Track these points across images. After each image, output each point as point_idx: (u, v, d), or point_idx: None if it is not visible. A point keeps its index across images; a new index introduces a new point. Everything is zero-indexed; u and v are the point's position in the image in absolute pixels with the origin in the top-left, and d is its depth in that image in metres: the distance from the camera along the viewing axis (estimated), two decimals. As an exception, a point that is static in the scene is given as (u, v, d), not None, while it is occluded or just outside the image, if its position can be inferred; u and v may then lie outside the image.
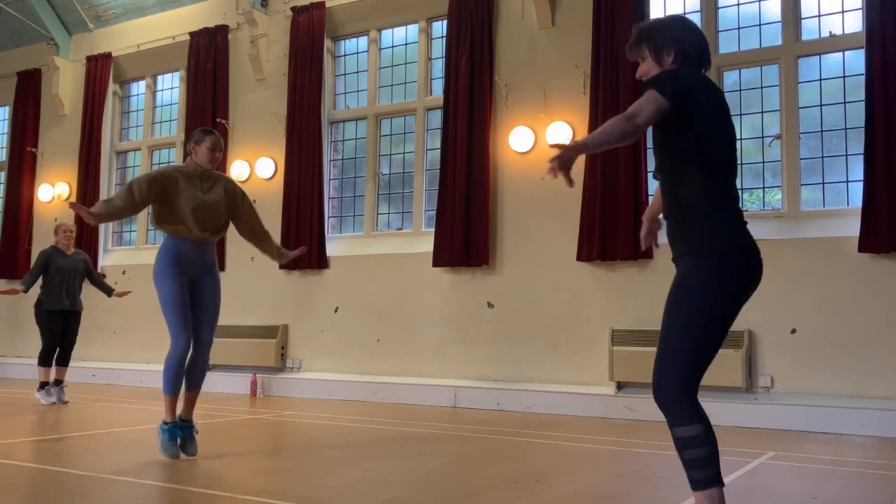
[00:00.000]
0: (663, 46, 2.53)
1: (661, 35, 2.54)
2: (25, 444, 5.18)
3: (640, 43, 2.57)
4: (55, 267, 7.55)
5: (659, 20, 2.63)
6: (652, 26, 2.59)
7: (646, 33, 2.57)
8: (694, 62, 2.54)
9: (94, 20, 11.14)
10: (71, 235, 7.81)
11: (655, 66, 2.55)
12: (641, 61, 2.60)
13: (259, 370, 8.95)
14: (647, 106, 2.36)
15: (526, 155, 7.89)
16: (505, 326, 7.79)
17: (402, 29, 9.13)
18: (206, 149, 4.65)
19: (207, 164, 4.66)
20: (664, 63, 2.53)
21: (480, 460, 4.68)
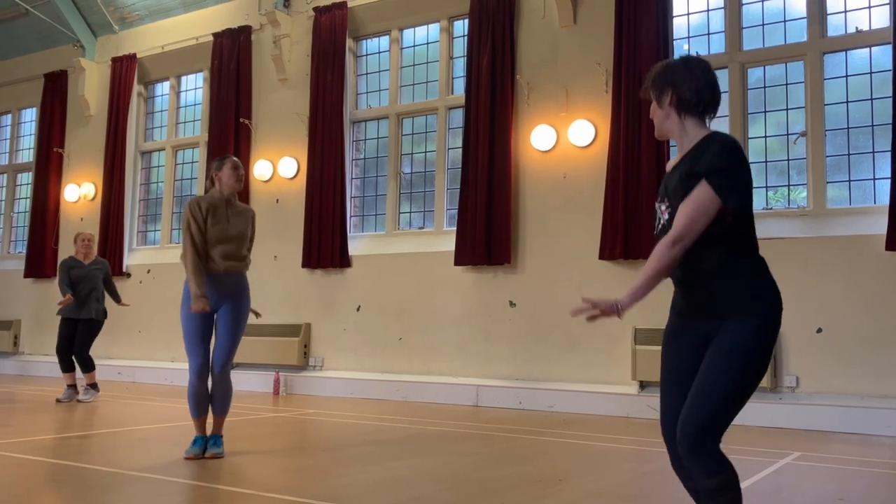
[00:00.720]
0: (663, 88, 2.46)
1: (662, 76, 2.48)
2: (52, 441, 5.25)
3: (649, 83, 2.53)
4: (74, 277, 7.68)
5: (665, 62, 2.53)
6: (657, 68, 2.52)
7: (652, 74, 2.52)
8: (691, 106, 2.44)
9: (118, 22, 11.25)
10: (89, 244, 7.91)
11: (658, 109, 2.51)
12: (652, 107, 2.55)
13: (282, 368, 9.00)
14: (700, 218, 2.27)
15: (548, 153, 7.87)
16: (527, 325, 7.77)
17: (423, 28, 9.14)
18: (230, 170, 4.73)
19: (235, 185, 4.72)
20: (663, 105, 2.48)
21: (503, 459, 4.68)
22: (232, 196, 4.76)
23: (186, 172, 10.82)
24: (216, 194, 4.73)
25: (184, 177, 10.85)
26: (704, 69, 2.46)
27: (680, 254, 2.30)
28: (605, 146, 7.49)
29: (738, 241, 2.35)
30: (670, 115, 2.47)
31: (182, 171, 10.88)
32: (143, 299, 10.35)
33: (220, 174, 4.74)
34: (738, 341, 2.33)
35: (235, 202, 4.80)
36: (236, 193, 4.80)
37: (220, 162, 4.79)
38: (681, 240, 2.28)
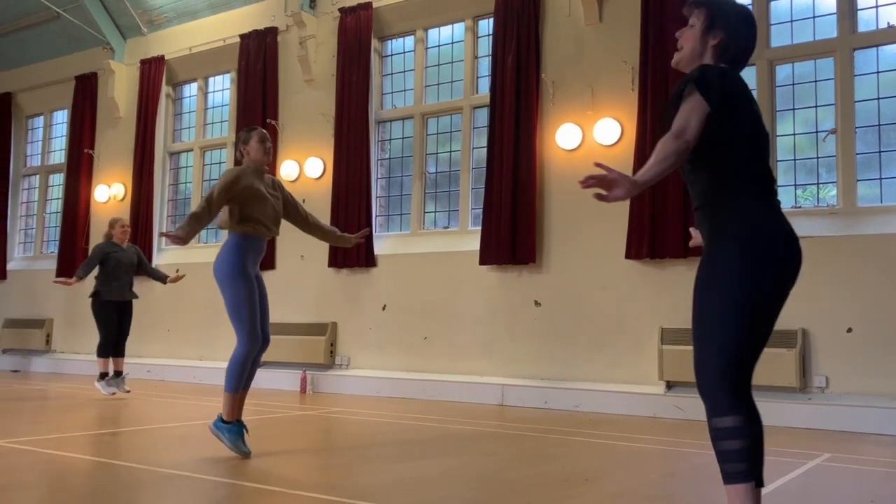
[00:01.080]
0: (717, 25, 2.49)
1: (724, 15, 2.50)
2: (84, 438, 5.34)
3: (701, 7, 2.53)
4: (112, 260, 7.75)
5: (731, 3, 2.57)
6: (721, 3, 2.55)
7: (708, 4, 2.53)
8: (730, 58, 2.49)
9: (147, 24, 11.40)
10: (127, 231, 8.03)
11: (697, 40, 2.51)
12: (689, 26, 2.56)
13: (309, 367, 9.07)
14: (692, 115, 2.31)
15: (573, 152, 7.85)
16: (552, 325, 7.76)
17: (448, 28, 9.16)
18: (257, 142, 4.71)
19: (263, 157, 4.71)
20: (707, 41, 2.49)
21: (529, 458, 4.68)
22: (262, 169, 4.75)
23: (214, 173, 10.93)
24: (249, 168, 4.68)
25: (211, 177, 10.96)
26: (752, 24, 2.54)
27: (683, 148, 2.30)
28: (632, 145, 7.45)
29: (727, 164, 2.38)
30: (700, 46, 2.51)
31: (210, 171, 11.00)
32: (171, 298, 10.48)
33: (247, 147, 4.72)
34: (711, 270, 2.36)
35: (265, 175, 4.80)
36: (265, 167, 4.79)
37: (247, 134, 4.75)
38: (681, 133, 2.30)
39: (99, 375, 7.83)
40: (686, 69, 2.56)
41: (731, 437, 2.30)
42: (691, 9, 2.56)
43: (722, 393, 2.32)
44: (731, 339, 2.31)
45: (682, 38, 2.56)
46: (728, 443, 2.31)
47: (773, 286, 2.34)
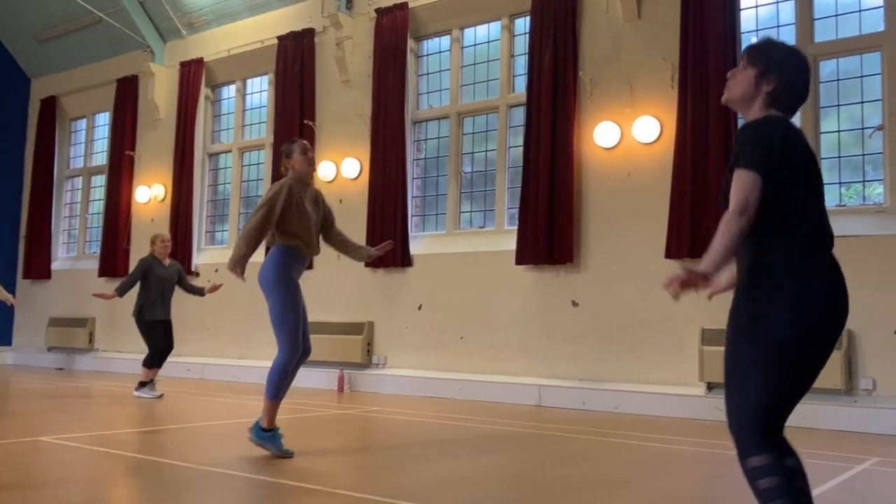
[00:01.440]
0: (772, 72, 2.43)
1: (779, 62, 2.44)
2: (127, 435, 5.42)
3: (755, 55, 2.48)
4: (155, 277, 7.83)
5: (787, 47, 2.51)
6: (778, 49, 2.48)
7: (766, 51, 2.48)
8: (782, 106, 2.44)
9: (186, 27, 11.55)
10: (168, 245, 8.10)
11: (750, 84, 2.46)
12: (742, 67, 2.51)
13: (346, 366, 9.11)
14: (751, 192, 2.27)
15: (612, 150, 7.77)
16: (590, 325, 7.69)
17: (484, 27, 9.13)
18: (299, 153, 4.73)
19: (307, 167, 4.74)
20: (760, 87, 2.45)
21: (568, 460, 4.64)
22: (307, 180, 4.77)
23: (252, 174, 11.04)
24: (293, 181, 4.69)
25: (250, 178, 11.07)
26: (807, 74, 2.49)
27: (746, 226, 2.26)
28: (671, 143, 7.36)
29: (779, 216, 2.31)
30: (752, 90, 2.46)
31: (248, 172, 11.11)
32: (210, 298, 10.54)
33: (291, 161, 4.74)
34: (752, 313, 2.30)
35: (309, 188, 4.82)
36: (310, 179, 4.81)
37: (289, 147, 4.79)
38: (743, 211, 2.26)
39: (139, 384, 7.90)
40: (736, 109, 2.55)
41: (764, 475, 2.25)
42: (746, 56, 2.51)
43: (751, 435, 2.27)
44: (765, 389, 2.26)
45: (734, 78, 2.52)
46: (763, 482, 2.26)
47: (816, 340, 2.28)
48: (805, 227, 2.33)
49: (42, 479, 3.83)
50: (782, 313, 2.26)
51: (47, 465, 4.18)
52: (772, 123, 2.37)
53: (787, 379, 2.27)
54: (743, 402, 2.29)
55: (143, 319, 7.83)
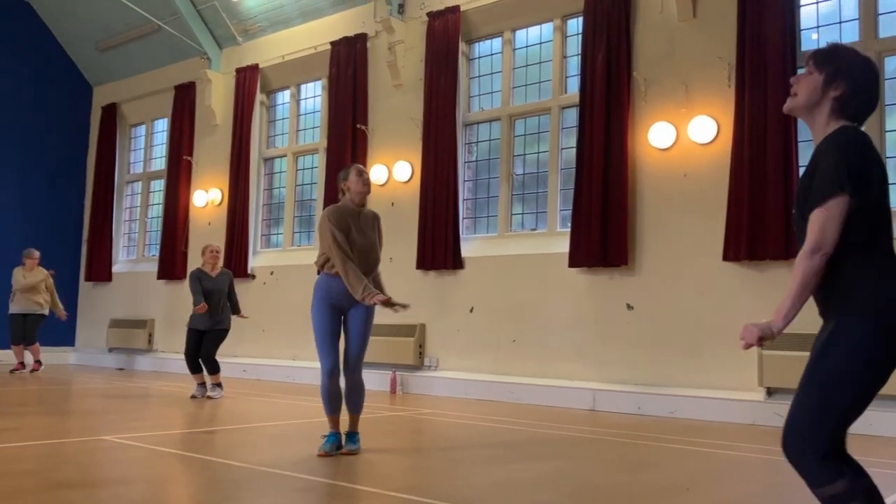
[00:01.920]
0: (841, 77, 2.33)
1: (848, 67, 2.34)
2: (184, 435, 5.53)
3: (822, 59, 2.38)
4: (203, 288, 7.99)
5: (855, 52, 2.40)
6: (847, 54, 2.37)
7: (833, 55, 2.37)
8: (850, 114, 2.32)
9: (242, 34, 11.75)
10: (217, 256, 8.26)
11: (816, 90, 2.35)
12: (807, 73, 2.41)
13: (398, 368, 9.14)
14: (830, 224, 2.17)
15: (667, 151, 7.65)
16: (645, 328, 7.58)
17: (536, 28, 9.09)
18: (355, 176, 4.81)
19: (363, 189, 4.80)
20: (827, 93, 2.34)
21: (625, 465, 4.58)
22: (362, 204, 4.84)
23: (307, 178, 11.18)
24: (347, 204, 4.80)
25: (304, 182, 11.21)
26: (877, 81, 2.39)
27: (820, 263, 2.20)
28: (728, 143, 7.21)
29: (856, 238, 2.22)
30: (818, 97, 2.35)
31: (302, 176, 11.25)
32: (266, 300, 10.77)
33: (347, 183, 4.83)
34: (832, 342, 2.23)
35: (364, 211, 4.87)
36: (365, 200, 4.87)
37: (346, 171, 4.89)
38: (818, 249, 2.19)
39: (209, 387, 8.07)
40: (800, 116, 2.43)
41: (847, 501, 2.19)
42: (813, 60, 2.41)
43: (820, 463, 2.20)
44: (837, 409, 2.20)
45: (799, 84, 2.40)
46: None
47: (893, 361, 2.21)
48: (888, 241, 2.26)
49: (105, 478, 3.93)
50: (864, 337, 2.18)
51: (110, 464, 4.29)
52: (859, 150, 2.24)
53: (860, 401, 2.21)
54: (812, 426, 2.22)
55: (188, 326, 8.03)
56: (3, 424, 5.61)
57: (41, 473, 3.83)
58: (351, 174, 4.84)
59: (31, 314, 10.81)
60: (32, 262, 10.93)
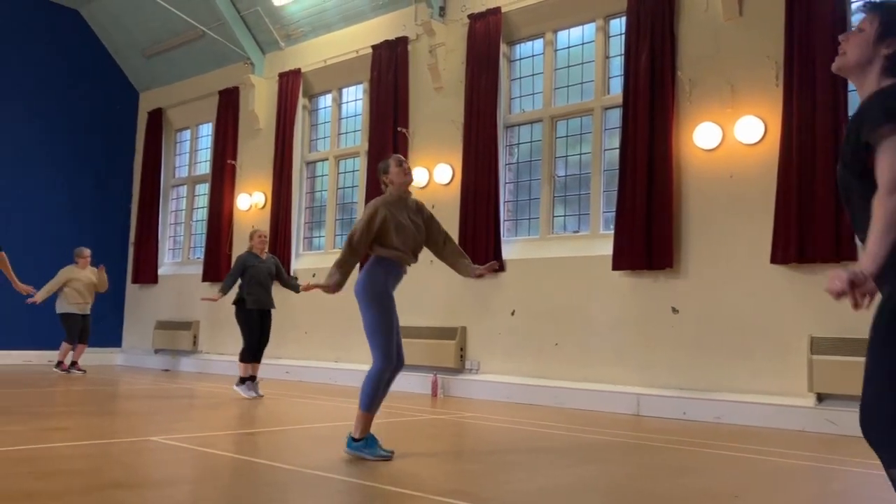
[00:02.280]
0: (893, 35, 2.22)
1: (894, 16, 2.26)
2: (229, 436, 5.58)
3: (873, 15, 2.29)
4: (253, 270, 8.15)
5: None
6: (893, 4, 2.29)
7: (885, 11, 2.28)
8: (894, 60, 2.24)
9: (284, 39, 11.87)
10: (265, 240, 8.45)
11: (867, 46, 2.26)
12: (857, 30, 2.32)
13: (439, 371, 9.14)
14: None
15: (712, 152, 7.52)
16: (691, 332, 7.46)
17: (578, 29, 9.01)
18: (395, 166, 4.77)
19: (404, 178, 4.76)
20: (879, 50, 2.24)
21: (670, 471, 4.50)
22: (405, 194, 4.80)
23: (348, 181, 11.24)
24: (390, 198, 4.75)
25: (345, 185, 11.27)
26: None
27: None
28: (776, 143, 7.07)
29: None
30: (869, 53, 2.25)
31: (344, 179, 11.32)
32: (308, 302, 10.84)
33: (389, 176, 4.78)
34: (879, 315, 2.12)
35: (409, 200, 4.85)
36: (408, 190, 4.84)
37: (385, 164, 4.83)
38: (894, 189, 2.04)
39: (239, 379, 8.19)
40: (849, 77, 2.33)
41: None
42: (865, 12, 2.32)
43: None
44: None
45: (848, 42, 2.31)
46: None
47: None
48: None
49: (153, 479, 3.98)
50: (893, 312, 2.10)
51: (157, 465, 4.35)
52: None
53: None
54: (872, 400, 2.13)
55: (243, 309, 8.13)
56: (55, 424, 5.73)
57: (90, 473, 3.90)
58: (391, 166, 4.79)
59: (88, 314, 11.04)
60: (85, 260, 11.15)
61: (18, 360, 12.32)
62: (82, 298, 10.95)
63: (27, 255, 11.53)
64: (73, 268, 11.05)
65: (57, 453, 4.45)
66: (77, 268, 11.06)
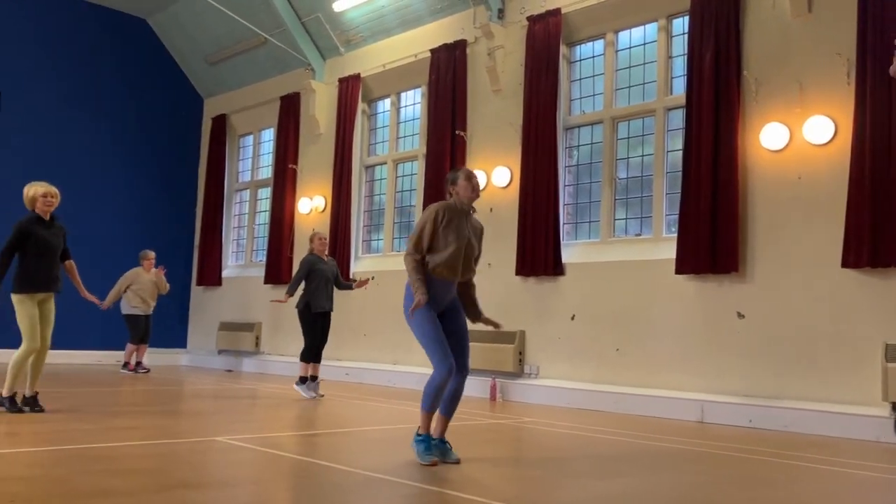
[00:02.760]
0: None
1: None
2: (290, 437, 5.65)
3: None
4: (318, 272, 8.24)
5: None
6: None
7: None
8: None
9: (344, 44, 12.00)
10: (326, 242, 8.57)
11: None
12: None
13: (498, 375, 9.09)
14: None
15: (780, 153, 7.32)
16: (757, 338, 7.26)
17: (639, 29, 8.88)
18: (464, 180, 4.72)
19: (471, 195, 4.73)
20: None
21: (738, 482, 4.38)
22: (467, 209, 4.76)
23: (406, 184, 11.29)
24: (457, 204, 4.73)
25: (403, 188, 11.33)
26: None
27: None
28: (847, 143, 6.83)
29: None
30: None
31: (402, 182, 11.37)
32: (367, 305, 10.93)
33: (455, 188, 4.75)
34: None
35: (474, 218, 4.84)
36: (473, 205, 4.81)
37: (454, 175, 4.78)
38: None
39: (299, 379, 8.31)
40: None
41: None
42: None
43: None
44: None
45: None
46: None
47: None
48: None
49: (219, 478, 4.05)
50: None
51: (223, 465, 4.42)
52: None
53: None
54: None
55: (308, 312, 8.22)
56: (124, 423, 5.88)
57: (160, 472, 3.99)
58: (460, 179, 4.75)
59: (150, 315, 11.33)
60: (150, 262, 11.44)
61: (90, 360, 12.71)
62: (145, 300, 11.22)
63: (97, 258, 11.91)
64: (138, 270, 11.34)
65: (129, 452, 4.56)
66: (142, 270, 11.34)
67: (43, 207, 6.20)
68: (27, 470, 3.91)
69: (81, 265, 6.83)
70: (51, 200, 6.21)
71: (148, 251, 11.50)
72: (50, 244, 6.19)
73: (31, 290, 6.05)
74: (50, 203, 6.21)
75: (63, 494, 3.37)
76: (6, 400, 6.08)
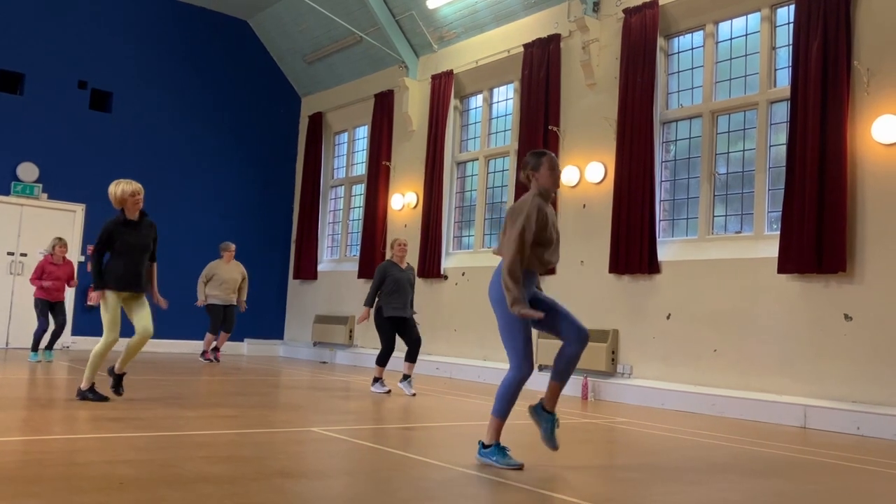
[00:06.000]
0: None
1: None
2: (383, 430, 5.73)
3: None
4: (392, 279, 8.19)
5: None
6: None
7: None
8: None
9: (438, 41, 12.07)
10: (405, 248, 8.42)
11: None
12: None
13: (590, 374, 8.97)
14: None
15: (893, 147, 6.93)
16: (867, 342, 6.91)
17: (741, 20, 8.57)
18: (547, 169, 4.40)
19: (553, 185, 4.43)
20: None
21: (852, 493, 4.17)
22: (550, 196, 4.48)
23: (497, 180, 11.27)
24: (542, 195, 4.40)
25: (495, 185, 11.31)
26: None
27: None
28: (970, 136, 6.41)
29: None
30: None
31: (493, 179, 11.36)
32: (458, 300, 10.98)
33: (537, 174, 4.42)
34: None
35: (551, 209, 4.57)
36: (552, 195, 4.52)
37: (537, 160, 4.42)
38: None
39: (373, 379, 8.33)
40: None
41: None
42: None
43: None
44: None
45: None
46: None
47: None
48: None
49: (315, 469, 4.15)
50: None
51: (318, 455, 4.52)
52: None
53: None
54: None
55: (380, 317, 8.23)
56: (225, 412, 6.10)
57: (259, 461, 4.11)
58: (543, 167, 4.40)
59: (231, 305, 11.62)
60: (230, 254, 11.76)
61: (187, 349, 13.23)
62: (224, 290, 11.52)
63: (199, 253, 12.40)
64: (218, 262, 11.68)
65: (228, 440, 4.73)
66: (222, 261, 11.68)
67: (132, 207, 6.24)
68: (134, 454, 4.10)
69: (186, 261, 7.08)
70: (139, 199, 6.25)
71: (229, 243, 11.83)
72: (134, 245, 6.21)
73: (113, 287, 6.15)
74: (138, 202, 6.25)
75: (169, 479, 3.51)
76: (88, 392, 6.17)
